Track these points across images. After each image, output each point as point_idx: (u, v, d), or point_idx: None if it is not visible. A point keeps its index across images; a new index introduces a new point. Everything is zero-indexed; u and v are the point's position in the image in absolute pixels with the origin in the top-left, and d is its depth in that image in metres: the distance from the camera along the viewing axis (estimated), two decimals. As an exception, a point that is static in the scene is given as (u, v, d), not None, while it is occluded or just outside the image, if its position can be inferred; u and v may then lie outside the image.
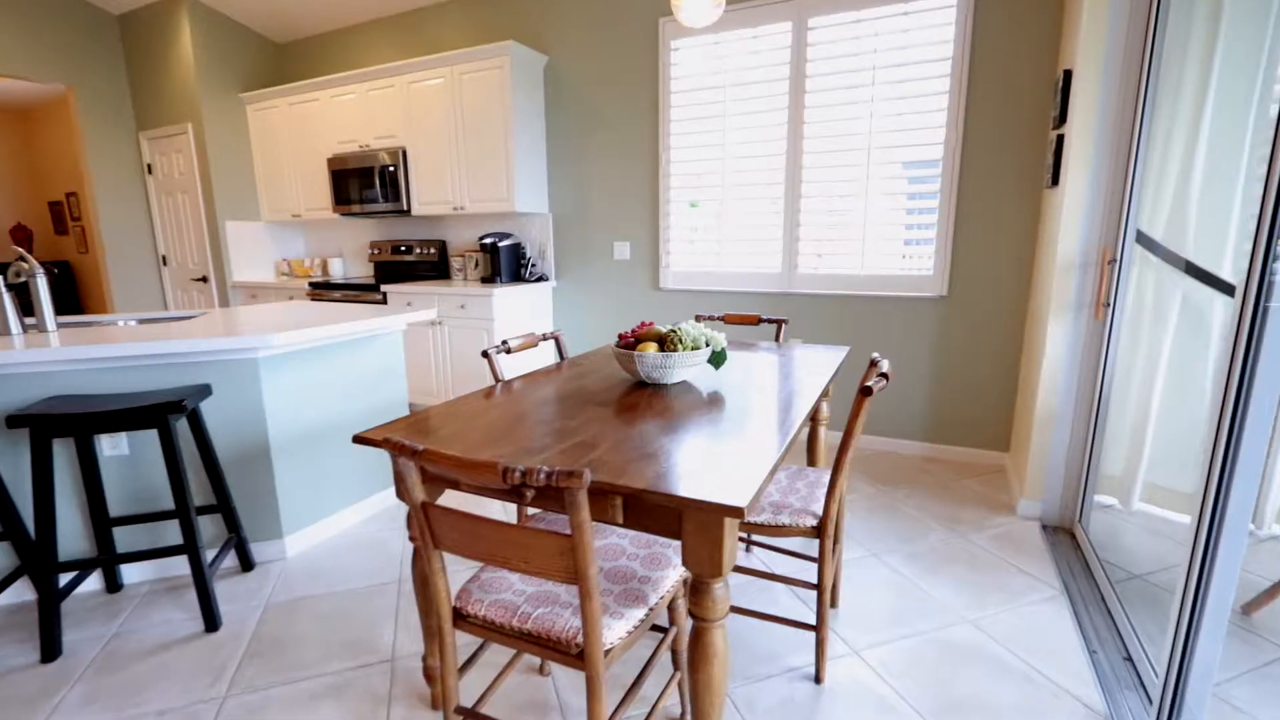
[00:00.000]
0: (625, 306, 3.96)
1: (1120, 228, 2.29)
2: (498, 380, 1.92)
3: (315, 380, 2.40)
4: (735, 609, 1.73)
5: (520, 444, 1.30)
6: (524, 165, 3.79)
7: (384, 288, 4.02)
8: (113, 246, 4.95)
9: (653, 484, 1.06)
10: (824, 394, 2.10)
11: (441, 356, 3.93)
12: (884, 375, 1.48)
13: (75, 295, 7.20)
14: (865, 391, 1.41)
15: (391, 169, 4.10)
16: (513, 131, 3.67)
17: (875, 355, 1.71)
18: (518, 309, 3.82)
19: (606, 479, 1.09)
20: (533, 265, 4.10)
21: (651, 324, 1.88)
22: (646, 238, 3.80)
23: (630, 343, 1.79)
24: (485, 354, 1.94)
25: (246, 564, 2.26)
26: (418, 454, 1.04)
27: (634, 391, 1.71)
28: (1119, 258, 2.29)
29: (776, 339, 2.58)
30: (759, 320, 2.62)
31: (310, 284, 4.39)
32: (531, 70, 3.78)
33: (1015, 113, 2.87)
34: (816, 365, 2.06)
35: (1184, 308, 1.97)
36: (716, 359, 1.81)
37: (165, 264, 5.15)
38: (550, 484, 0.93)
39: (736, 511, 0.97)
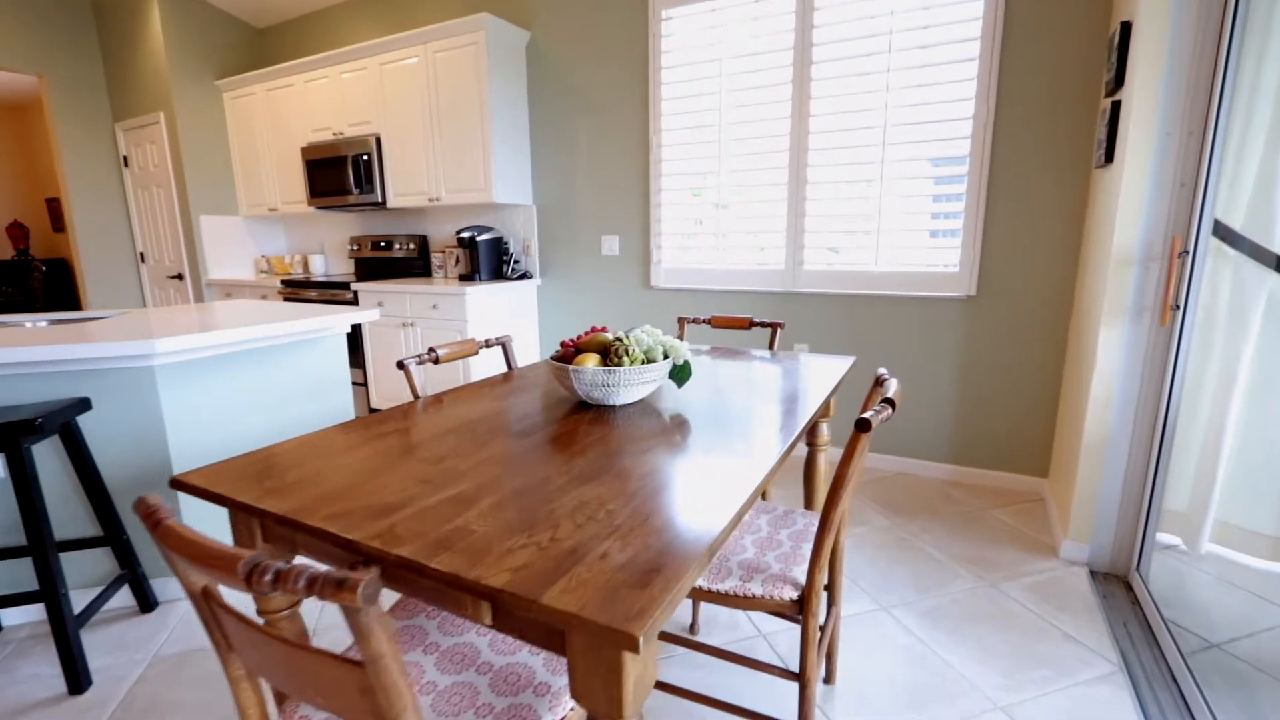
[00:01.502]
0: (615, 308, 3.60)
1: (1194, 213, 1.86)
2: (416, 396, 1.58)
3: (235, 390, 2.09)
4: (694, 696, 1.36)
5: (380, 495, 0.94)
6: (503, 152, 3.45)
7: (355, 286, 3.71)
8: (88, 242, 4.74)
9: (513, 580, 0.69)
10: (824, 412, 1.72)
11: (415, 361, 3.60)
12: (889, 401, 1.10)
13: (74, 293, 7.08)
14: (862, 425, 1.02)
15: (365, 158, 3.80)
16: (489, 114, 3.33)
17: (881, 371, 1.32)
18: (495, 309, 3.49)
19: (454, 566, 0.73)
20: (515, 262, 3.76)
21: (604, 329, 1.52)
22: (637, 232, 3.43)
23: (570, 353, 1.43)
24: (401, 365, 1.59)
25: (146, 604, 1.95)
26: (156, 529, 0.69)
27: (572, 415, 1.35)
28: (1192, 250, 1.86)
29: (771, 346, 2.20)
30: (751, 324, 2.24)
31: (282, 282, 4.11)
32: (511, 47, 3.44)
33: (1059, 78, 2.44)
34: (815, 378, 1.68)
35: (1270, 310, 1.58)
36: (679, 374, 1.44)
37: (144, 261, 4.93)
38: (316, 594, 0.58)
39: (624, 639, 0.60)
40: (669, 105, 3.19)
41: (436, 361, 1.69)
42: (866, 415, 1.02)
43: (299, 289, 4.02)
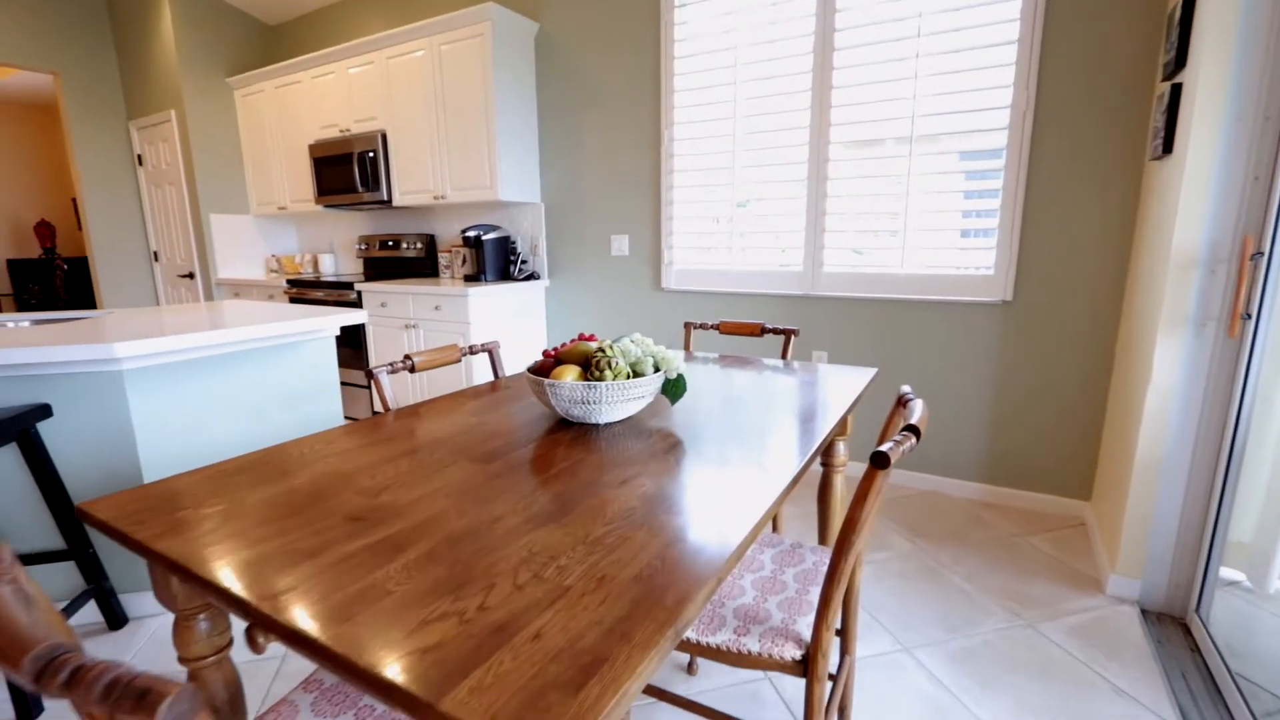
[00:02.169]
0: (625, 310, 3.44)
1: (1269, 210, 1.64)
2: (387, 409, 1.44)
3: (214, 396, 1.98)
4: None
5: (297, 536, 0.80)
6: (509, 148, 3.32)
7: (358, 286, 3.62)
8: (103, 240, 4.74)
9: (414, 669, 0.54)
10: (840, 430, 1.54)
11: (418, 363, 3.49)
12: (913, 429, 0.92)
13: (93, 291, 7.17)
14: (879, 461, 0.85)
15: (371, 155, 3.70)
16: (494, 109, 3.20)
17: (905, 390, 1.14)
18: (500, 311, 3.35)
19: (348, 644, 0.57)
20: (523, 262, 3.63)
21: (591, 337, 1.37)
22: (648, 230, 3.27)
23: (549, 364, 1.28)
24: (370, 373, 1.45)
25: (115, 620, 1.85)
26: (-32, 596, 0.55)
27: (550, 435, 1.20)
28: (1268, 251, 1.63)
29: (784, 355, 2.01)
30: (762, 330, 2.06)
31: (288, 281, 4.04)
32: (519, 39, 3.31)
33: (1109, 61, 2.21)
34: (831, 392, 1.50)
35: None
36: (673, 390, 1.28)
37: (157, 259, 4.92)
38: (111, 709, 0.43)
39: (539, 780, 0.44)
40: (682, 98, 3.03)
41: (412, 370, 1.55)
42: (884, 448, 0.85)
43: (305, 289, 3.94)
